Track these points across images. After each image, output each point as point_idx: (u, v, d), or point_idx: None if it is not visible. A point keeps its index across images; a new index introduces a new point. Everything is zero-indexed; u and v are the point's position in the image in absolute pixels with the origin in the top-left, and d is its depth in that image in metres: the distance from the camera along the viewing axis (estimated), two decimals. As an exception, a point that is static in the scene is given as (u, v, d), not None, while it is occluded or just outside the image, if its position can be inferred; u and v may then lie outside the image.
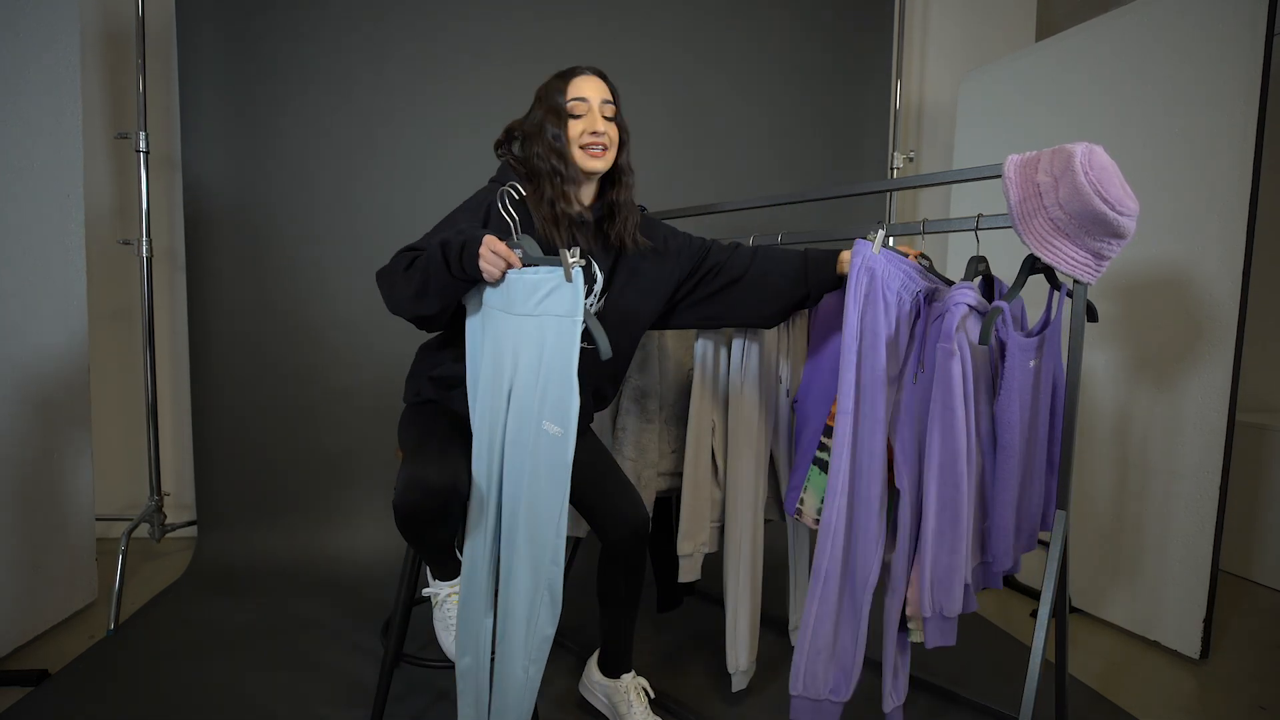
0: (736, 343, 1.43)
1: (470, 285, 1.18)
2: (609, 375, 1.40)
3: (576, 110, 1.30)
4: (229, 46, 2.27)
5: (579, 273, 1.08)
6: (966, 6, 2.73)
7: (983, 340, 1.08)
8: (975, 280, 1.26)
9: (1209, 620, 1.71)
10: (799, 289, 1.35)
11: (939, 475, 1.13)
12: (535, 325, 1.13)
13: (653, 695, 1.42)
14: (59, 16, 1.80)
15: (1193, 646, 1.73)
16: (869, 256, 1.17)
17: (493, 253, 1.12)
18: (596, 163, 1.31)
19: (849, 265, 1.21)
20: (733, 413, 1.44)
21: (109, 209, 2.40)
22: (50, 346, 1.80)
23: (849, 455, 1.17)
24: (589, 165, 1.31)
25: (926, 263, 1.27)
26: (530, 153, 1.32)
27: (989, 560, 1.26)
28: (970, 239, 1.30)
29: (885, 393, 1.17)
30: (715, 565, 1.54)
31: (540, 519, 1.13)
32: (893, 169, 2.60)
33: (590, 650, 1.51)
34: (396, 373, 1.50)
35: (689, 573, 1.49)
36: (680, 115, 2.48)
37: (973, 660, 1.74)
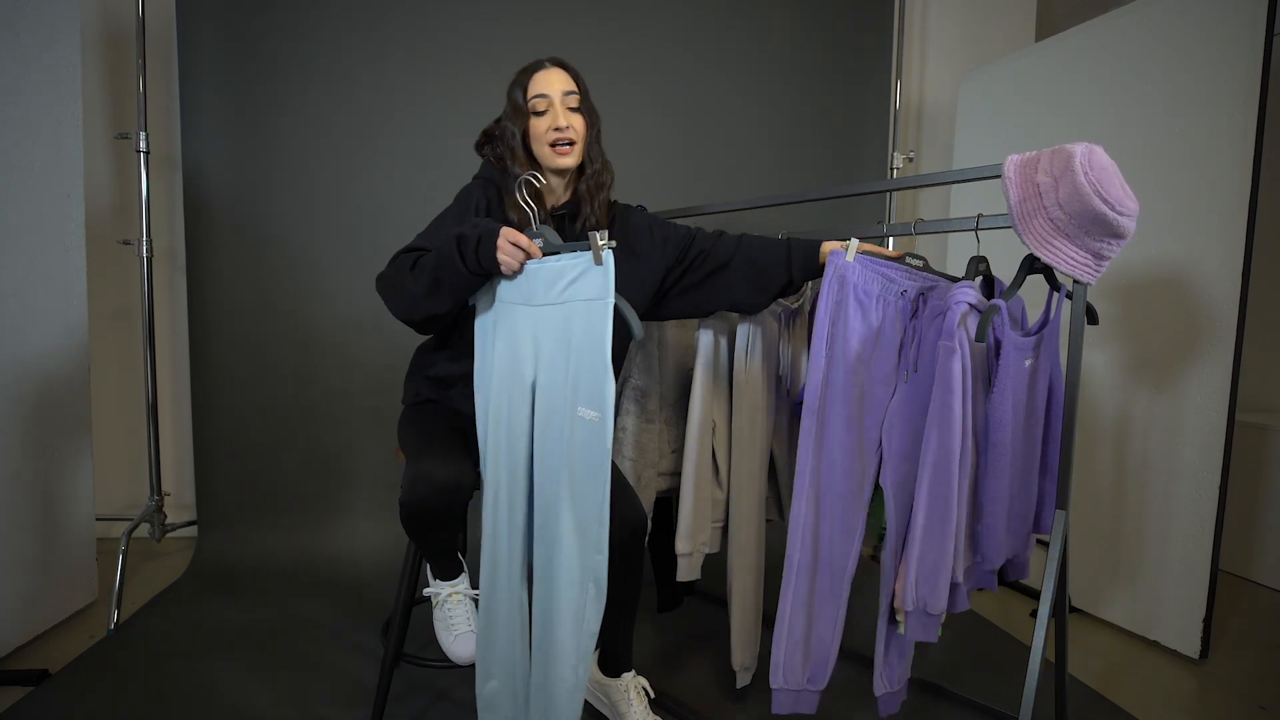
0: (740, 343, 1.43)
1: (485, 280, 1.16)
2: None
3: (538, 107, 1.29)
4: (229, 46, 2.27)
5: (609, 255, 1.05)
6: (966, 6, 2.73)
7: (978, 337, 1.08)
8: (976, 281, 1.26)
9: (1209, 620, 1.71)
10: (784, 275, 1.34)
11: (932, 472, 1.14)
12: (560, 313, 1.11)
13: (652, 695, 1.42)
14: (59, 16, 1.80)
15: (1192, 646, 1.73)
16: (841, 265, 1.22)
17: (511, 244, 1.10)
18: (565, 160, 1.30)
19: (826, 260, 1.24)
20: (735, 413, 1.44)
21: (109, 209, 2.40)
22: (50, 346, 1.80)
23: (813, 451, 1.21)
24: (558, 163, 1.30)
25: (919, 262, 1.27)
26: (499, 153, 1.33)
27: (979, 560, 1.27)
28: (970, 239, 1.30)
29: (854, 392, 1.21)
30: (715, 565, 1.54)
31: (583, 508, 1.08)
32: (893, 169, 2.60)
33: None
34: (396, 373, 1.50)
35: (688, 572, 1.49)
36: (680, 115, 2.48)
37: (972, 660, 1.74)
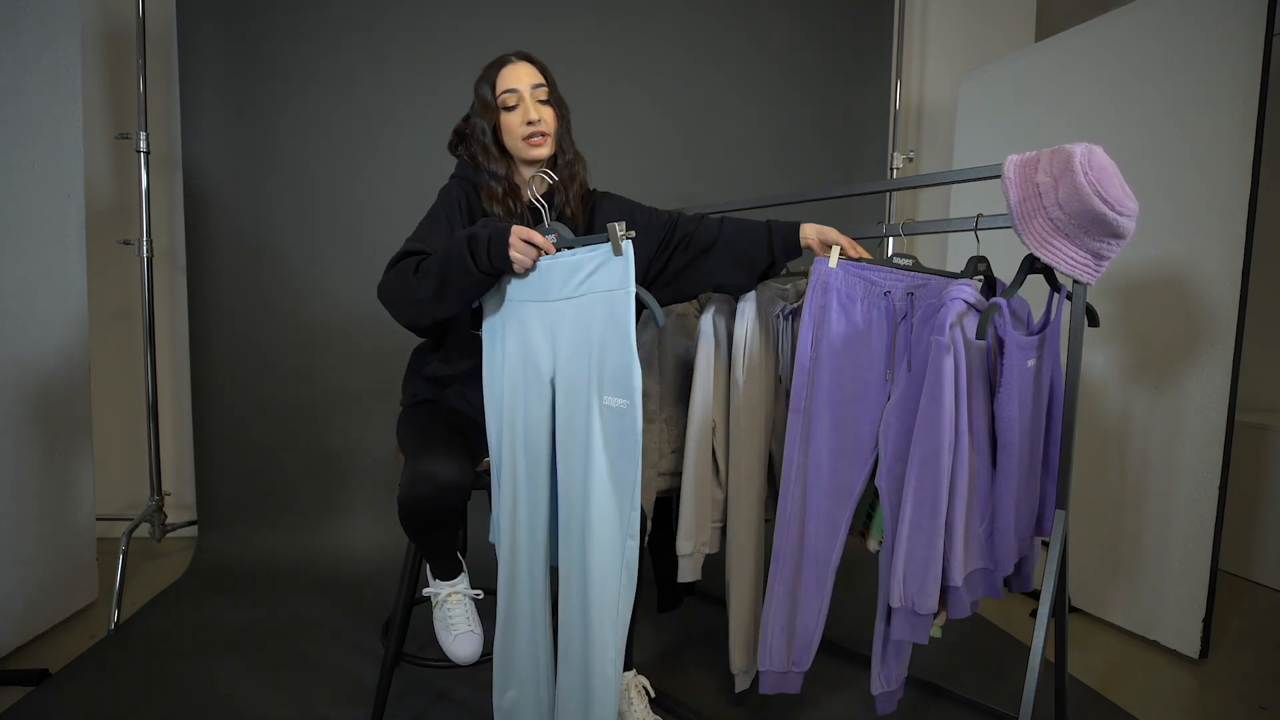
0: (737, 343, 1.43)
1: (495, 280, 1.17)
2: None
3: (508, 102, 1.29)
4: (229, 46, 2.27)
5: (629, 245, 1.06)
6: (966, 6, 2.73)
7: (979, 335, 1.08)
8: (977, 281, 1.26)
9: (1209, 620, 1.71)
10: (765, 257, 1.35)
11: (919, 467, 1.14)
12: (579, 306, 1.11)
13: (653, 694, 1.42)
14: (59, 16, 1.80)
15: (1192, 646, 1.73)
16: (824, 272, 1.26)
17: (524, 241, 1.11)
18: (539, 150, 1.31)
19: (809, 238, 1.31)
20: (732, 413, 1.44)
21: (109, 209, 2.40)
22: (50, 346, 1.80)
23: (799, 449, 1.28)
24: (531, 155, 1.31)
25: (908, 261, 1.27)
26: (472, 152, 1.34)
27: (989, 567, 1.26)
28: (970, 239, 1.30)
29: (841, 394, 1.26)
30: (716, 565, 1.54)
31: (616, 495, 1.09)
32: (892, 169, 2.60)
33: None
34: (396, 373, 1.50)
35: (689, 573, 1.49)
36: (680, 115, 2.48)
37: (972, 659, 1.74)
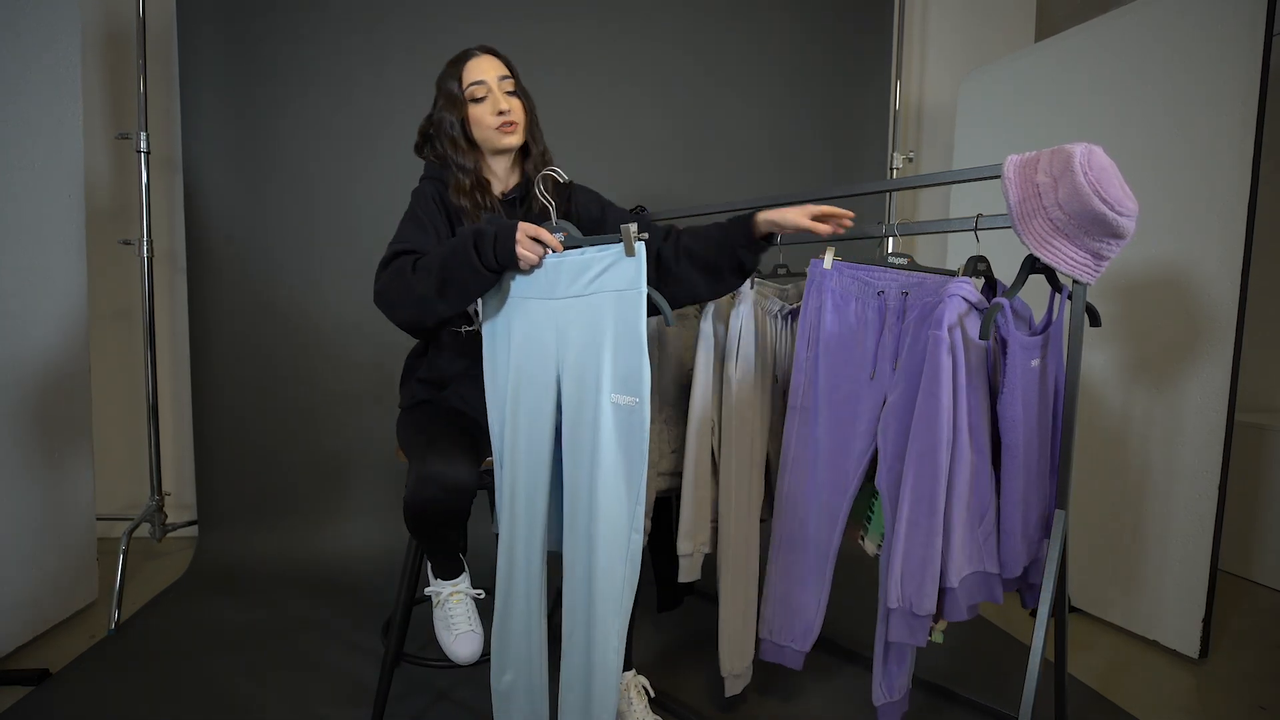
0: (730, 342, 1.43)
1: (498, 277, 1.17)
2: None
3: (476, 94, 1.30)
4: (229, 48, 2.27)
5: (642, 246, 1.08)
6: (966, 7, 2.73)
7: (982, 335, 1.08)
8: (978, 282, 1.26)
9: (1208, 620, 1.71)
10: (731, 259, 1.25)
11: (916, 464, 1.14)
12: (590, 304, 1.13)
13: (653, 694, 1.42)
14: (59, 16, 1.80)
15: (1192, 646, 1.73)
16: (819, 273, 1.29)
17: (531, 239, 1.12)
18: (511, 139, 1.32)
19: (762, 226, 1.20)
20: (727, 412, 1.44)
21: (109, 209, 2.40)
22: (50, 346, 1.80)
23: (796, 444, 1.34)
24: (503, 143, 1.32)
25: (903, 260, 1.27)
26: (440, 149, 1.34)
27: (991, 570, 1.25)
28: (970, 239, 1.30)
29: (837, 395, 1.29)
30: (715, 565, 1.53)
31: (621, 490, 1.11)
32: (892, 169, 2.60)
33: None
34: (396, 373, 1.50)
35: (688, 573, 1.49)
36: (680, 117, 2.48)
37: (972, 660, 1.74)
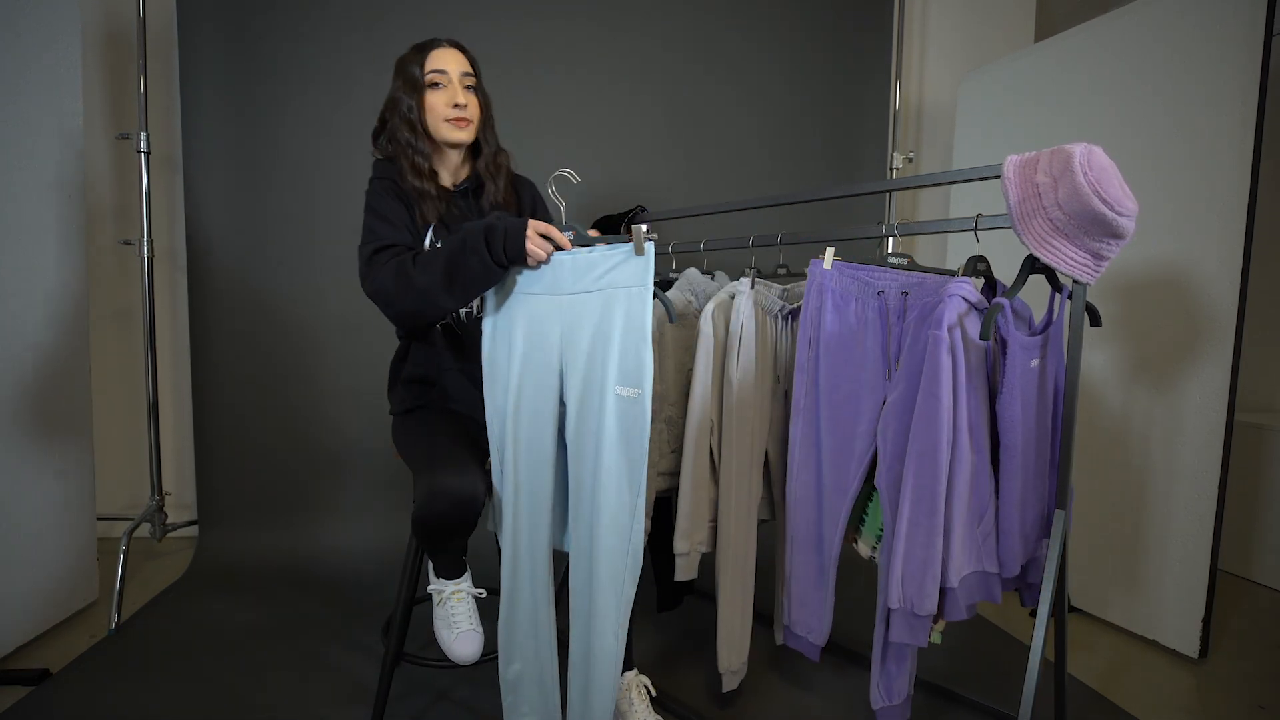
0: (733, 341, 1.43)
1: (505, 272, 1.19)
2: None
3: (435, 81, 1.30)
4: (229, 47, 2.27)
5: (650, 246, 1.12)
6: (966, 7, 2.73)
7: (983, 335, 1.08)
8: (979, 282, 1.26)
9: (1208, 620, 1.71)
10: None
11: (917, 464, 1.14)
12: (598, 299, 1.17)
13: (654, 693, 1.42)
14: (59, 16, 1.80)
15: (1192, 646, 1.73)
16: (819, 273, 1.29)
17: (541, 235, 1.15)
18: (460, 134, 1.32)
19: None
20: (727, 412, 1.44)
21: (110, 209, 2.40)
22: (50, 346, 1.80)
23: (801, 446, 1.35)
24: (453, 137, 1.31)
25: (902, 261, 1.27)
26: (390, 130, 1.33)
27: (990, 570, 1.25)
28: (970, 239, 1.29)
29: (837, 396, 1.30)
30: (714, 564, 1.53)
31: (623, 478, 1.14)
32: (892, 169, 2.60)
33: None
34: (397, 373, 1.51)
35: (686, 572, 1.49)
36: (679, 116, 2.48)
37: (972, 660, 1.74)
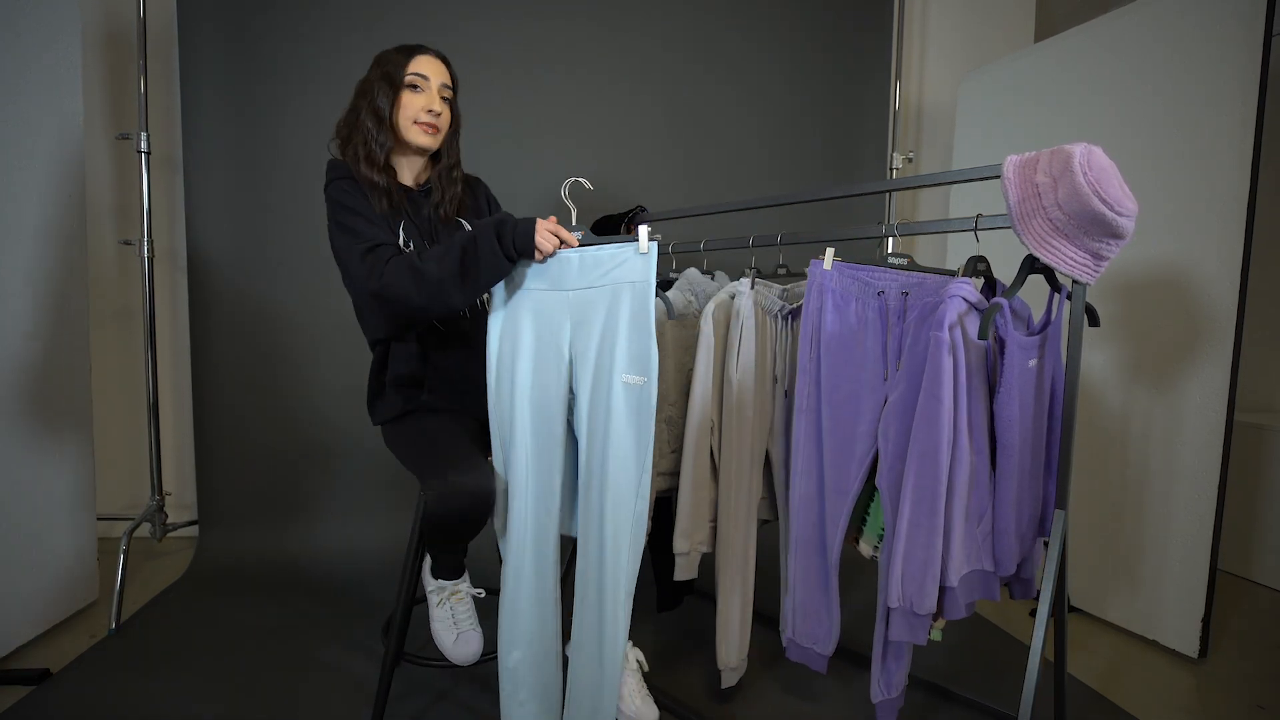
0: (732, 341, 1.43)
1: (513, 266, 1.23)
2: None
3: (415, 83, 1.32)
4: (229, 46, 2.27)
5: (654, 245, 1.20)
6: (966, 7, 2.73)
7: (981, 335, 1.08)
8: (978, 282, 1.26)
9: (1208, 620, 1.71)
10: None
11: (918, 464, 1.14)
12: (604, 294, 1.22)
13: (646, 669, 1.46)
14: (60, 16, 1.80)
15: (1192, 646, 1.73)
16: (819, 273, 1.30)
17: (550, 232, 1.20)
18: (426, 139, 1.34)
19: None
20: (727, 412, 1.44)
21: (110, 209, 2.40)
22: (50, 346, 1.80)
23: (804, 447, 1.36)
24: (419, 140, 1.33)
25: (902, 261, 1.28)
26: (353, 116, 1.34)
27: (987, 569, 1.26)
28: (970, 239, 1.30)
29: (838, 396, 1.30)
30: (713, 564, 1.54)
31: (630, 459, 1.19)
32: (892, 169, 2.60)
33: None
34: (397, 372, 1.50)
35: (685, 571, 1.49)
36: (679, 115, 2.48)
37: (971, 659, 1.74)
